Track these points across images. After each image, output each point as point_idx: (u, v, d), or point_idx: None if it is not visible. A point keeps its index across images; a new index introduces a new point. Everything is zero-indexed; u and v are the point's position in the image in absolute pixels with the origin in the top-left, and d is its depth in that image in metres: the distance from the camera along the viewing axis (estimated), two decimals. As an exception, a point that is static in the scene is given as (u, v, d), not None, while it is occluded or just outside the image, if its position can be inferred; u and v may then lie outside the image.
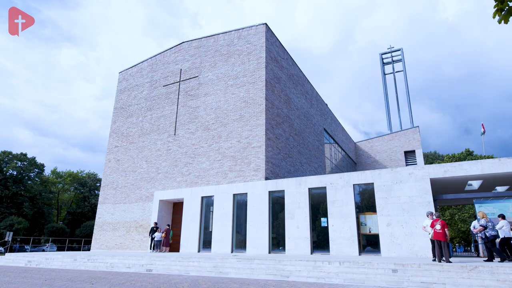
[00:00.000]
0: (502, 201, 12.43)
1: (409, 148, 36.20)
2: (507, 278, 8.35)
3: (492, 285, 8.34)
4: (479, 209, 12.63)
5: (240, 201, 17.41)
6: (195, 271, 12.40)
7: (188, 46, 23.41)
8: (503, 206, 12.31)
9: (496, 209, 12.39)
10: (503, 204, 12.34)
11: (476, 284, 8.50)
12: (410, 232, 13.06)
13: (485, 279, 8.53)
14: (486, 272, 8.67)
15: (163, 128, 22.56)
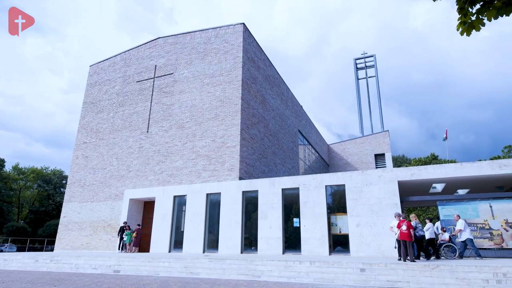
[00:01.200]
0: (462, 203, 13.15)
1: (379, 151, 37.50)
2: (465, 276, 8.84)
3: (452, 283, 8.80)
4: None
5: (214, 200, 17.26)
6: (165, 272, 12.15)
7: (164, 42, 22.92)
8: (464, 208, 13.03)
9: (457, 210, 13.09)
10: (464, 206, 13.06)
11: (437, 282, 8.93)
12: (378, 232, 13.51)
13: (445, 277, 8.99)
14: (447, 270, 9.13)
15: (135, 125, 21.93)
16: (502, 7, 3.14)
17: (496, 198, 12.83)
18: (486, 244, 12.39)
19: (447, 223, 13.11)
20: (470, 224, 12.73)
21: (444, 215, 13.23)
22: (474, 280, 8.65)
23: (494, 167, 12.93)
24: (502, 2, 3.15)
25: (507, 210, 12.41)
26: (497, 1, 3.15)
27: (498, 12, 3.15)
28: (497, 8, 3.16)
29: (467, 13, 3.27)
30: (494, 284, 8.44)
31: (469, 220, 12.79)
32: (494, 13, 3.17)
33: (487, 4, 3.17)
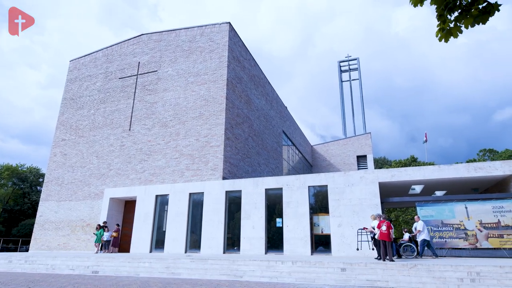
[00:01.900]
0: (440, 205, 13.56)
1: (362, 153, 38.19)
2: (441, 275, 9.12)
3: (429, 281, 9.06)
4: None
5: (196, 200, 17.12)
6: (145, 272, 11.95)
7: (148, 38, 22.55)
8: (441, 209, 13.44)
9: (434, 211, 13.49)
10: (441, 207, 13.47)
11: (415, 281, 9.18)
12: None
13: (422, 276, 9.24)
14: (424, 270, 9.39)
15: (117, 123, 21.47)
16: (479, 15, 3.27)
17: (471, 200, 13.29)
18: (461, 244, 12.82)
19: (425, 223, 13.47)
20: (447, 225, 13.15)
21: (422, 216, 13.59)
22: (449, 279, 8.94)
23: (469, 170, 13.40)
24: (479, 11, 3.27)
25: (482, 211, 12.89)
26: (474, 9, 3.27)
27: (475, 20, 3.28)
28: (473, 16, 3.29)
29: (445, 20, 3.38)
30: (468, 282, 8.75)
31: (446, 221, 13.20)
32: (471, 21, 3.30)
33: (465, 12, 3.29)
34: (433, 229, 13.29)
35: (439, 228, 13.23)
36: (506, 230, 12.42)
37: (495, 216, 12.68)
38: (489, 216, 12.74)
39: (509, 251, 12.18)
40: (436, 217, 13.42)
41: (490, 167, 13.21)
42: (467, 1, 3.31)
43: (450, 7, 3.31)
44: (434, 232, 13.27)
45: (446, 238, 13.06)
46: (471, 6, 3.29)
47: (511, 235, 12.31)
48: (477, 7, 3.28)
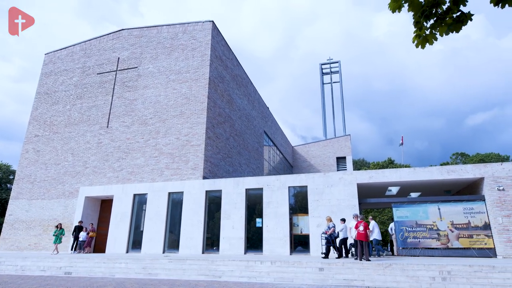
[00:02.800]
0: (414, 206, 14.00)
1: (341, 154, 38.88)
2: (415, 274, 9.42)
3: (403, 280, 9.33)
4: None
5: (176, 199, 16.88)
6: (121, 273, 11.67)
7: (128, 34, 22.04)
8: (415, 210, 13.88)
9: (409, 212, 13.91)
10: (415, 208, 13.91)
11: (390, 280, 9.43)
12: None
13: (397, 275, 9.51)
14: (398, 269, 9.66)
15: (94, 119, 20.85)
16: (453, 23, 3.40)
17: (444, 201, 13.80)
18: (434, 244, 13.28)
19: (400, 224, 13.89)
20: (421, 225, 13.59)
21: (398, 217, 13.99)
22: (422, 277, 9.24)
23: (442, 173, 13.91)
24: (453, 20, 3.40)
25: (453, 212, 13.41)
26: (448, 18, 3.40)
27: (449, 28, 3.42)
28: (448, 24, 3.42)
29: (422, 27, 3.50)
30: (440, 281, 9.07)
31: (420, 222, 13.64)
32: (446, 29, 3.43)
33: (440, 20, 3.42)
34: (407, 230, 13.70)
35: (413, 229, 13.66)
36: (476, 231, 12.98)
37: (465, 217, 13.22)
38: (460, 217, 13.27)
39: (478, 251, 12.72)
40: (411, 218, 13.84)
41: (462, 170, 13.76)
42: (442, 9, 3.44)
43: (426, 15, 3.42)
44: (408, 232, 13.68)
45: (420, 238, 13.50)
46: (446, 14, 3.42)
47: (480, 236, 12.87)
48: (452, 15, 3.41)
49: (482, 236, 12.84)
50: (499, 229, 12.54)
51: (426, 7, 3.42)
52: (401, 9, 3.50)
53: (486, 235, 12.81)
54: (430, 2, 3.41)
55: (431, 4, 3.40)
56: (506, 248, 12.28)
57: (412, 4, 3.46)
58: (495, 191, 12.95)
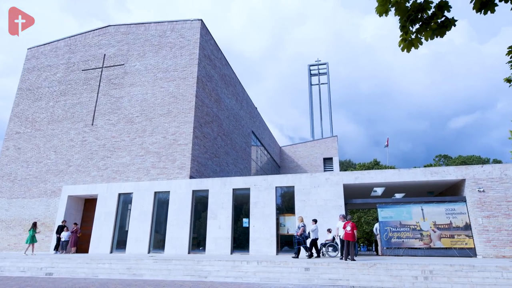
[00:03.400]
0: (398, 206, 14.26)
1: (328, 155, 39.24)
2: (398, 273, 9.59)
3: (386, 279, 9.49)
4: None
5: (162, 199, 16.69)
6: (105, 274, 11.45)
7: (115, 30, 21.67)
8: (399, 210, 14.14)
9: (394, 213, 14.16)
10: (399, 209, 14.18)
11: (374, 279, 9.57)
12: (323, 233, 14.08)
13: (381, 275, 9.66)
14: (382, 268, 9.81)
15: (78, 117, 20.41)
16: (437, 28, 3.49)
17: (427, 202, 14.11)
18: (417, 244, 13.56)
19: (385, 224, 14.12)
20: (404, 225, 13.86)
21: (383, 217, 14.22)
22: (405, 277, 9.42)
23: (426, 174, 14.22)
24: (437, 24, 3.49)
25: (436, 213, 13.72)
26: (433, 23, 3.48)
27: (434, 32, 3.50)
28: (433, 29, 3.50)
29: (408, 31, 3.57)
30: (422, 280, 9.26)
31: (404, 222, 13.91)
32: (430, 33, 3.52)
33: (425, 24, 3.50)
34: (392, 230, 13.94)
35: (397, 229, 13.91)
36: (457, 231, 13.32)
37: (447, 217, 13.56)
38: (442, 217, 13.60)
39: (459, 251, 13.06)
40: (395, 218, 14.09)
41: (445, 172, 14.09)
42: (427, 14, 3.52)
43: (412, 19, 3.50)
44: (393, 232, 13.92)
45: (404, 238, 13.76)
46: (431, 19, 3.50)
47: (461, 236, 13.22)
48: (436, 21, 3.50)
49: (463, 236, 13.20)
50: (479, 230, 12.91)
51: (412, 11, 3.49)
52: (388, 13, 3.56)
53: (467, 235, 13.16)
54: (416, 7, 3.48)
55: (417, 9, 3.48)
56: (485, 248, 12.66)
57: (398, 8, 3.52)
58: (475, 192, 13.33)
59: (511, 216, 12.69)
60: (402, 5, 3.48)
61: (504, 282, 8.77)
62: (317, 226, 12.92)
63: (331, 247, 13.22)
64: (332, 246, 13.22)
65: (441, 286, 9.00)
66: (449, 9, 3.46)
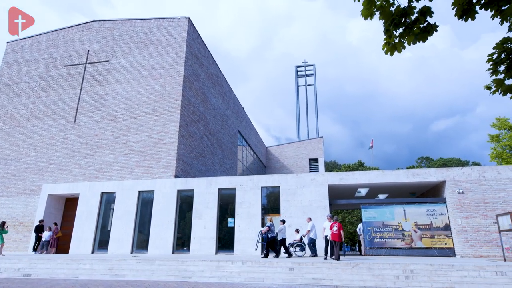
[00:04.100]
0: (382, 207, 14.52)
1: (314, 156, 39.59)
2: (380, 273, 9.76)
3: (369, 279, 9.64)
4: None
5: (146, 198, 16.45)
6: (86, 275, 11.20)
7: (100, 26, 21.22)
8: (382, 211, 14.40)
9: (377, 213, 14.41)
10: (382, 209, 14.43)
11: (357, 279, 9.70)
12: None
13: (363, 274, 9.80)
14: (365, 268, 9.97)
15: (60, 113, 19.88)
16: (420, 33, 3.57)
17: (409, 203, 14.42)
18: (398, 244, 13.84)
19: (368, 224, 14.35)
20: (387, 226, 14.12)
21: (366, 218, 14.45)
22: (387, 276, 9.59)
23: (408, 176, 14.53)
24: (420, 29, 3.58)
25: (417, 213, 14.04)
26: (416, 28, 3.57)
27: (416, 37, 3.58)
28: (415, 34, 3.58)
29: (391, 35, 3.65)
30: (403, 279, 9.46)
31: (386, 222, 14.17)
32: (413, 38, 3.60)
33: (408, 29, 3.58)
34: (375, 230, 14.18)
35: (380, 229, 14.16)
36: (437, 231, 13.67)
37: (428, 218, 13.89)
38: (423, 218, 13.93)
39: (439, 250, 13.41)
40: (378, 219, 14.34)
41: (426, 174, 14.44)
42: (410, 19, 3.60)
43: (395, 23, 3.56)
44: (375, 232, 14.16)
45: (386, 238, 14.02)
46: (414, 24, 3.58)
47: (441, 236, 13.57)
48: (419, 26, 3.58)
49: (443, 236, 13.55)
50: (458, 230, 13.29)
51: (396, 16, 3.55)
52: (373, 17, 3.61)
53: (447, 235, 13.53)
54: (399, 12, 3.55)
55: (401, 14, 3.55)
56: (464, 247, 13.04)
57: (383, 12, 3.58)
58: (455, 194, 13.71)
59: (488, 217, 13.12)
60: (387, 9, 3.54)
61: (481, 281, 9.05)
62: (284, 227, 13.11)
63: (298, 247, 13.44)
64: (299, 246, 13.44)
65: (422, 285, 9.21)
66: (431, 14, 3.55)
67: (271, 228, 12.69)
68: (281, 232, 12.85)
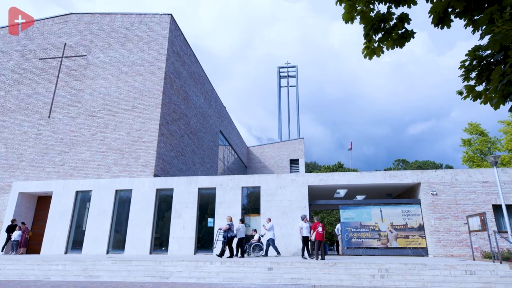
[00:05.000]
0: (359, 208, 14.83)
1: (295, 156, 39.92)
2: (357, 272, 9.96)
3: (346, 278, 9.81)
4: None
5: (124, 197, 16.07)
6: (58, 276, 10.82)
7: (78, 19, 20.55)
8: (360, 212, 14.71)
9: (355, 214, 14.70)
10: (360, 210, 14.74)
11: (334, 278, 9.86)
12: (287, 233, 14.31)
13: (340, 274, 9.97)
14: (342, 267, 10.15)
15: (33, 108, 19.10)
16: (398, 39, 3.68)
17: (385, 204, 14.80)
18: (375, 244, 14.18)
19: (346, 225, 14.62)
20: (364, 226, 14.44)
21: (344, 218, 14.72)
22: (363, 275, 9.80)
23: (385, 177, 14.91)
24: (398, 35, 3.68)
25: (393, 214, 14.44)
26: (394, 33, 3.67)
27: (394, 42, 3.68)
28: (393, 39, 3.69)
29: (371, 39, 3.73)
30: (379, 278, 9.69)
31: (364, 223, 14.48)
32: (391, 43, 3.70)
33: (387, 34, 3.68)
34: (352, 230, 14.46)
35: (357, 229, 14.45)
36: (411, 232, 14.10)
37: (403, 219, 14.31)
38: (399, 219, 14.34)
39: (413, 250, 13.84)
40: (356, 219, 14.63)
41: (402, 176, 14.87)
42: (389, 25, 3.70)
43: (375, 28, 3.65)
44: (353, 233, 14.45)
45: (363, 238, 14.33)
46: (392, 30, 3.68)
47: (415, 236, 14.01)
48: (397, 31, 3.68)
49: (417, 236, 14.00)
50: (431, 230, 13.76)
51: (376, 21, 3.64)
52: (354, 21, 3.68)
53: (420, 235, 13.98)
54: (379, 17, 3.63)
55: (380, 19, 3.63)
56: (436, 247, 13.52)
57: (363, 17, 3.66)
58: (429, 195, 14.19)
59: (459, 218, 13.66)
60: (367, 14, 3.62)
61: (451, 279, 9.41)
62: (243, 226, 13.25)
63: (256, 247, 13.62)
64: (257, 246, 13.62)
65: (396, 284, 9.48)
66: (409, 21, 3.65)
67: (231, 227, 12.86)
68: (239, 232, 12.99)
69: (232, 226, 12.88)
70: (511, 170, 13.98)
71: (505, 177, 13.78)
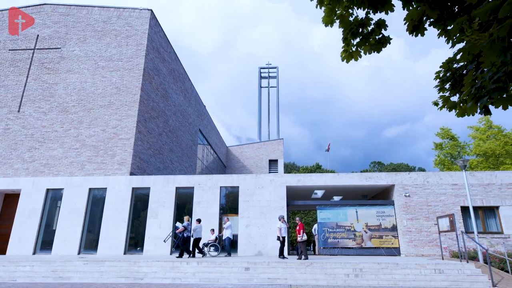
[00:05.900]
0: (336, 208, 15.11)
1: (274, 157, 40.13)
2: (332, 272, 10.14)
3: (321, 278, 9.96)
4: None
5: (97, 196, 15.59)
6: (25, 277, 10.34)
7: (52, 10, 19.73)
8: (336, 212, 14.98)
9: (331, 214, 14.96)
10: (337, 211, 15.02)
11: (310, 278, 9.99)
12: (265, 233, 14.36)
13: (316, 274, 10.12)
14: (318, 267, 10.29)
15: (1, 102, 18.17)
16: (375, 44, 3.77)
17: (361, 205, 15.16)
18: (350, 244, 14.49)
19: (323, 225, 14.85)
20: (340, 226, 14.72)
21: (321, 218, 14.94)
22: (338, 275, 9.99)
23: (361, 179, 15.27)
24: (375, 40, 3.77)
25: (368, 215, 14.80)
26: (372, 38, 3.76)
27: (371, 47, 3.78)
28: (371, 44, 3.78)
29: (349, 43, 3.81)
30: (353, 277, 9.91)
31: (340, 223, 14.76)
32: (368, 48, 3.79)
33: (365, 39, 3.76)
34: (329, 230, 14.71)
35: (334, 230, 14.72)
36: (385, 232, 14.51)
37: (377, 219, 14.71)
38: (373, 219, 14.72)
39: (386, 250, 14.25)
40: (332, 220, 14.89)
41: (377, 177, 15.27)
42: (367, 30, 3.78)
43: (353, 33, 3.73)
44: (329, 233, 14.69)
45: (339, 238, 14.60)
46: (370, 35, 3.76)
47: (388, 236, 14.43)
48: (375, 37, 3.78)
49: (390, 236, 14.42)
50: (403, 231, 14.22)
51: (354, 25, 3.71)
52: (333, 24, 3.74)
53: (393, 236, 14.41)
54: (357, 22, 3.71)
55: (359, 24, 3.71)
56: (408, 247, 13.98)
57: (342, 21, 3.72)
58: (402, 197, 14.66)
59: (430, 219, 14.19)
60: (346, 18, 3.68)
61: (421, 278, 9.76)
62: (200, 226, 13.29)
63: (213, 247, 13.73)
64: (214, 246, 13.73)
65: (369, 283, 9.72)
66: (386, 27, 3.75)
67: (187, 227, 12.88)
68: (196, 232, 13.01)
69: (189, 226, 12.98)
70: (478, 174, 14.68)
71: (473, 180, 14.45)
